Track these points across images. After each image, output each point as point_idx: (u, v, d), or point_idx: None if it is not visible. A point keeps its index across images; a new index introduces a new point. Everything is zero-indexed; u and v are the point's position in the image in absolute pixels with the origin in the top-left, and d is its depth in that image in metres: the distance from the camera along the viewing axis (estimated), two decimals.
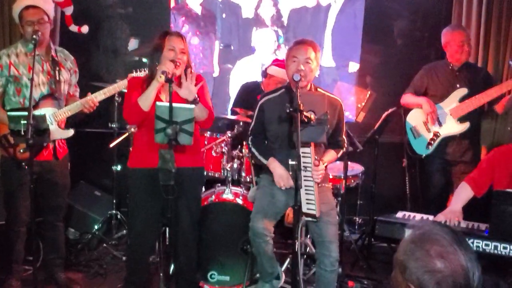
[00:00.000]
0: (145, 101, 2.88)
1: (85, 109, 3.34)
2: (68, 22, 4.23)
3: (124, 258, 3.98)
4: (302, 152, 2.83)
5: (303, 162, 2.85)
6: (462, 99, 3.87)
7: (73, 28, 4.23)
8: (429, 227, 1.36)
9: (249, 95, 4.27)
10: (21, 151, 3.15)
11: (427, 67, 4.14)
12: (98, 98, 3.38)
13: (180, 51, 2.94)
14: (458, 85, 3.92)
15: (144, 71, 3.39)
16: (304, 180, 2.86)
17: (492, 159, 3.18)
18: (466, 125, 3.87)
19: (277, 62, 4.31)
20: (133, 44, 5.01)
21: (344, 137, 3.27)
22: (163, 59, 2.91)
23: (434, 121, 3.92)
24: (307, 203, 2.90)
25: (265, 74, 4.30)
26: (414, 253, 1.32)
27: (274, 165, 3.09)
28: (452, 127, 3.91)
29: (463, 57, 3.92)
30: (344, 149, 3.31)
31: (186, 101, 2.89)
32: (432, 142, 3.96)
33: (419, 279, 1.30)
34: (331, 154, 3.17)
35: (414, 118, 4.07)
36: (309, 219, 2.94)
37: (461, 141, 3.93)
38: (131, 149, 3.41)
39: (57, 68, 3.35)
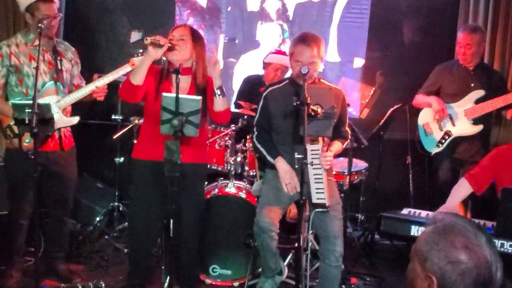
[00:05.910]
0: (135, 74, 2.85)
1: (99, 97, 3.31)
2: None
3: (126, 250, 3.95)
4: (309, 144, 2.81)
5: (311, 150, 2.82)
6: (478, 101, 3.84)
7: None
8: (452, 219, 1.33)
9: (251, 88, 4.24)
10: (27, 141, 3.11)
11: (441, 66, 4.10)
12: (105, 81, 3.31)
13: (180, 38, 2.91)
14: (472, 84, 3.89)
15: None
16: (313, 169, 2.84)
17: (495, 157, 3.15)
18: (479, 127, 3.85)
19: (273, 51, 4.29)
20: (136, 36, 4.96)
21: (347, 128, 3.25)
22: None
23: (443, 118, 3.89)
24: (317, 193, 2.87)
25: (263, 65, 4.28)
26: (437, 244, 1.28)
27: (281, 167, 3.06)
28: (465, 127, 3.88)
29: (465, 59, 3.90)
30: (348, 140, 3.29)
31: (196, 91, 2.86)
32: (443, 140, 3.93)
33: (442, 269, 1.26)
34: (337, 145, 3.15)
35: (427, 116, 4.04)
36: (320, 209, 2.91)
37: (473, 141, 3.90)
38: (135, 140, 3.36)
39: (58, 58, 3.32)
